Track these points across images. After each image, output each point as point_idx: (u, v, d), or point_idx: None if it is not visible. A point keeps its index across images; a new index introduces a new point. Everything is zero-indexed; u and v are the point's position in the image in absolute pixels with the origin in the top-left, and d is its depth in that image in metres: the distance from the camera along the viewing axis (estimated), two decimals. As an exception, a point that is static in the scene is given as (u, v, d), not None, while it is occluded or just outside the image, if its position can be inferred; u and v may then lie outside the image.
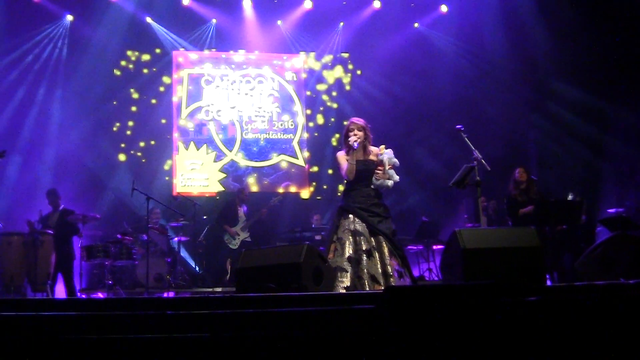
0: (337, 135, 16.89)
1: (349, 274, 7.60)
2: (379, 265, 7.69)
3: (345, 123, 8.58)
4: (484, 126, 15.75)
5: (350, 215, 7.93)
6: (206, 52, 17.30)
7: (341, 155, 8.24)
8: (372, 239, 7.83)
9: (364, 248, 7.75)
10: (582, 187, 14.27)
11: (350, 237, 7.81)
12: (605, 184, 14.69)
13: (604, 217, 13.15)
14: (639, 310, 4.75)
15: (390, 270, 7.69)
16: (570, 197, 12.66)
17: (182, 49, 17.11)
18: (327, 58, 17.83)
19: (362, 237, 7.80)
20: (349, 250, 7.73)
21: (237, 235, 14.40)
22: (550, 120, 15.97)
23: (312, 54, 17.80)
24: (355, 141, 8.04)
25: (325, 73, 17.84)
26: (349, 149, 8.14)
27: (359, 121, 8.26)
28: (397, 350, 4.39)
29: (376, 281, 7.56)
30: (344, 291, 7.44)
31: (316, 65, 17.85)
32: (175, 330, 4.78)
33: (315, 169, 17.43)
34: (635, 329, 4.59)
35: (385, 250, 7.80)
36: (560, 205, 11.27)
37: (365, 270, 7.62)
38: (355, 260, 7.68)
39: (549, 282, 9.62)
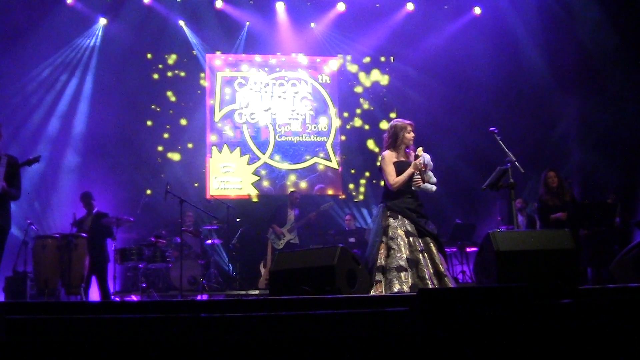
0: (374, 138, 16.94)
1: (409, 274, 7.56)
2: (430, 266, 7.67)
3: (384, 126, 8.51)
4: (520, 127, 15.69)
5: (399, 216, 7.89)
6: (240, 55, 17.36)
7: (389, 159, 8.10)
8: (421, 240, 7.82)
9: (418, 248, 7.71)
10: (619, 189, 14.15)
11: (405, 236, 7.78)
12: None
13: (639, 219, 13.06)
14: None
15: (442, 269, 7.67)
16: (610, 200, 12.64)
17: (216, 52, 17.19)
18: (364, 60, 17.86)
19: (415, 238, 7.77)
20: (405, 250, 7.66)
21: (283, 236, 14.42)
22: (588, 121, 15.84)
23: (349, 57, 17.82)
24: (422, 164, 8.02)
25: (361, 75, 17.85)
26: (405, 152, 8.13)
27: (412, 123, 8.24)
28: (431, 352, 4.38)
29: (430, 282, 7.54)
30: (408, 290, 7.40)
31: (352, 68, 17.86)
32: (209, 332, 4.80)
33: (352, 171, 17.42)
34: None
35: (434, 250, 7.78)
36: (594, 208, 11.19)
37: (425, 269, 7.57)
38: (413, 261, 7.63)
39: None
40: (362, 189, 17.21)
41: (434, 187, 8.15)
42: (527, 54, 16.52)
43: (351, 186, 17.30)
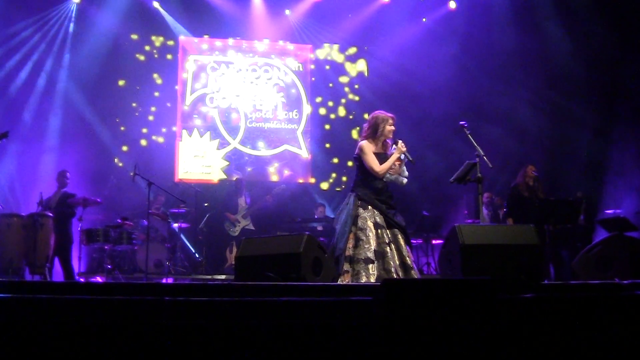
0: (358, 128, 16.91)
1: (376, 266, 7.59)
2: (396, 258, 7.70)
3: (366, 116, 8.50)
4: (491, 123, 15.82)
5: (369, 207, 7.91)
6: (213, 39, 17.29)
7: (369, 148, 8.06)
8: (389, 232, 7.85)
9: (386, 241, 7.74)
10: (583, 187, 14.32)
11: (373, 228, 7.79)
12: (606, 185, 14.70)
13: (602, 217, 13.21)
14: (632, 310, 4.79)
15: (409, 261, 7.71)
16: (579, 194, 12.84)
17: (188, 36, 17.08)
18: (338, 49, 17.92)
19: (383, 230, 7.79)
20: (373, 242, 7.69)
21: (238, 223, 14.46)
22: (555, 120, 15.99)
23: (330, 45, 17.84)
24: (406, 155, 8.06)
25: (337, 64, 17.91)
26: (378, 137, 8.13)
27: (394, 116, 8.24)
28: (394, 342, 4.41)
29: (396, 274, 7.57)
30: (374, 282, 7.42)
31: (326, 56, 17.88)
32: (173, 316, 4.80)
33: (335, 160, 17.45)
34: (628, 328, 4.62)
35: (402, 242, 7.81)
36: (559, 204, 11.30)
37: (391, 262, 7.61)
38: (379, 253, 7.66)
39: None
40: (344, 179, 17.18)
41: (404, 180, 8.21)
42: (498, 50, 16.60)
43: (333, 175, 17.35)
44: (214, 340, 4.62)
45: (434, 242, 14.82)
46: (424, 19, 17.47)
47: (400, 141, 8.06)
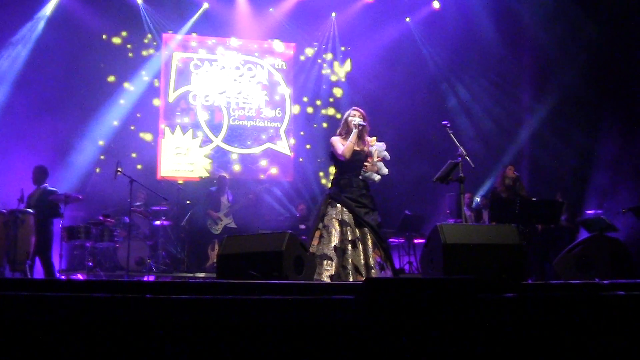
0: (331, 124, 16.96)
1: (334, 263, 7.59)
2: (362, 257, 7.70)
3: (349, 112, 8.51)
4: (473, 123, 15.85)
5: (338, 205, 7.92)
6: (197, 37, 17.22)
7: (336, 139, 8.24)
8: (357, 230, 7.84)
9: (349, 238, 7.75)
10: (566, 189, 14.37)
11: (338, 226, 7.80)
12: (589, 186, 14.76)
13: (584, 218, 13.28)
14: (612, 310, 4.82)
15: (372, 262, 7.70)
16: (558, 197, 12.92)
17: (172, 33, 16.99)
18: (338, 49, 17.94)
19: (348, 228, 7.80)
20: (335, 240, 7.71)
21: (220, 220, 14.44)
22: (540, 120, 16.04)
23: (316, 45, 17.89)
24: (360, 122, 8.08)
25: (320, 63, 17.94)
26: (347, 133, 8.16)
27: (361, 110, 8.31)
28: (375, 341, 4.42)
29: (359, 272, 7.57)
30: (328, 280, 7.45)
31: (310, 54, 17.89)
32: (154, 314, 4.78)
33: (321, 159, 17.40)
34: (608, 327, 4.65)
35: (369, 242, 7.80)
36: (540, 205, 11.37)
37: (350, 260, 7.63)
38: (340, 250, 7.68)
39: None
40: (332, 177, 17.16)
41: (377, 177, 8.21)
42: (483, 49, 16.64)
43: (321, 174, 17.33)
44: (196, 338, 4.61)
45: (415, 241, 14.87)
46: (407, 19, 17.49)
47: (355, 119, 8.14)
